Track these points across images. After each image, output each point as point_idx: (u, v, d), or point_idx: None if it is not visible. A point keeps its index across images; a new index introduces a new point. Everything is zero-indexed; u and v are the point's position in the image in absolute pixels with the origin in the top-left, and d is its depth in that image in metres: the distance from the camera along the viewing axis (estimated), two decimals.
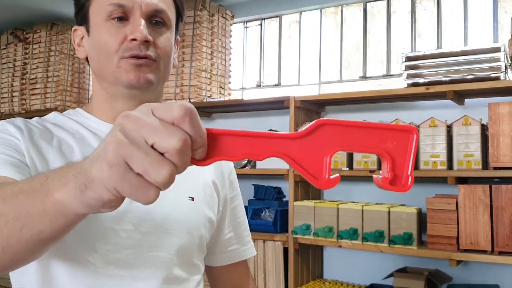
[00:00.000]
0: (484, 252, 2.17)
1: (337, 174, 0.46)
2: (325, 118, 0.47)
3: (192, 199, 0.92)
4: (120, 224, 0.81)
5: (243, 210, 1.10)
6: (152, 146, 0.42)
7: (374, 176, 0.48)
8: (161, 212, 0.86)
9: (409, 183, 0.46)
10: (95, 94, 0.92)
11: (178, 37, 0.98)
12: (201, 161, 0.45)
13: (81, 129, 0.89)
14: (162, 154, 0.42)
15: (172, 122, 0.43)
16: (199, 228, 0.92)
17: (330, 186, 0.46)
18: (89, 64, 0.92)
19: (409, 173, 0.46)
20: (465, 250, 2.21)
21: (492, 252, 2.15)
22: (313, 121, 0.47)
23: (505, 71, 2.20)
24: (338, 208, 2.51)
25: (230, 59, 3.39)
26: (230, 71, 3.39)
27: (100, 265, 0.80)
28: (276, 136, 0.46)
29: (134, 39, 0.83)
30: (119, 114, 0.91)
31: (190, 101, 3.11)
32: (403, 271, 2.54)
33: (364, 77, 3.09)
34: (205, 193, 0.96)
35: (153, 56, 0.85)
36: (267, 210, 2.81)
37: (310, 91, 3.25)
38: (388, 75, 3.01)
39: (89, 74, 3.72)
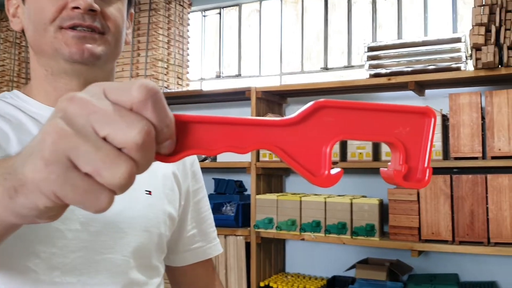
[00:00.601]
0: (445, 242, 2.18)
1: (339, 169, 0.38)
2: (323, 99, 0.38)
3: (150, 193, 0.83)
4: (65, 224, 0.71)
5: (207, 204, 1.01)
6: (104, 139, 0.33)
7: (382, 169, 0.40)
8: (114, 208, 0.75)
9: (426, 178, 0.38)
10: (34, 73, 0.80)
11: (132, 10, 0.88)
12: (169, 157, 0.36)
13: (19, 114, 0.76)
14: (119, 149, 0.33)
15: (130, 107, 0.33)
16: (158, 226, 0.83)
17: (331, 184, 0.38)
18: (25, 37, 0.80)
19: (425, 165, 0.39)
20: (427, 241, 2.21)
21: (453, 241, 2.16)
22: (309, 103, 0.38)
23: (465, 61, 2.21)
24: (300, 201, 2.47)
25: (188, 49, 3.28)
26: (188, 61, 3.28)
27: (43, 272, 0.69)
28: (263, 123, 0.37)
29: (77, 7, 0.72)
30: (62, 95, 0.80)
31: None
32: (364, 263, 2.54)
33: (326, 68, 3.05)
34: (164, 186, 0.87)
35: (99, 27, 0.74)
36: (228, 204, 2.74)
37: (271, 82, 3.19)
38: (349, 66, 2.99)
39: None
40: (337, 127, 0.38)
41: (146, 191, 0.82)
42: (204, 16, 3.52)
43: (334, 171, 0.38)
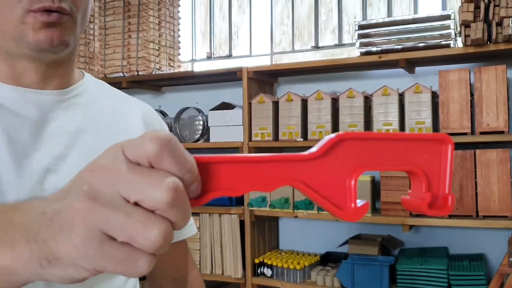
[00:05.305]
0: (435, 216, 2.23)
1: (365, 201, 0.38)
2: (344, 132, 0.39)
3: None
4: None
5: None
6: (137, 203, 0.32)
7: (403, 198, 0.40)
8: None
9: (449, 203, 0.38)
10: None
11: None
12: (197, 200, 0.36)
13: None
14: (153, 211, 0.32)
15: (149, 164, 0.32)
16: None
17: (359, 217, 0.37)
18: None
19: (446, 191, 0.39)
20: (417, 215, 2.26)
21: (443, 216, 2.21)
22: (328, 137, 0.38)
23: (454, 38, 2.23)
24: None
25: (179, 30, 3.26)
26: (179, 42, 3.27)
27: None
28: (286, 158, 0.37)
29: None
30: (20, 74, 0.71)
31: (138, 74, 2.98)
32: (357, 238, 2.59)
33: (317, 47, 3.06)
34: None
35: (67, 9, 0.66)
36: None
37: (262, 62, 3.20)
38: (340, 45, 3.00)
39: None
40: (358, 158, 0.38)
41: None
42: None
43: (360, 203, 0.38)
